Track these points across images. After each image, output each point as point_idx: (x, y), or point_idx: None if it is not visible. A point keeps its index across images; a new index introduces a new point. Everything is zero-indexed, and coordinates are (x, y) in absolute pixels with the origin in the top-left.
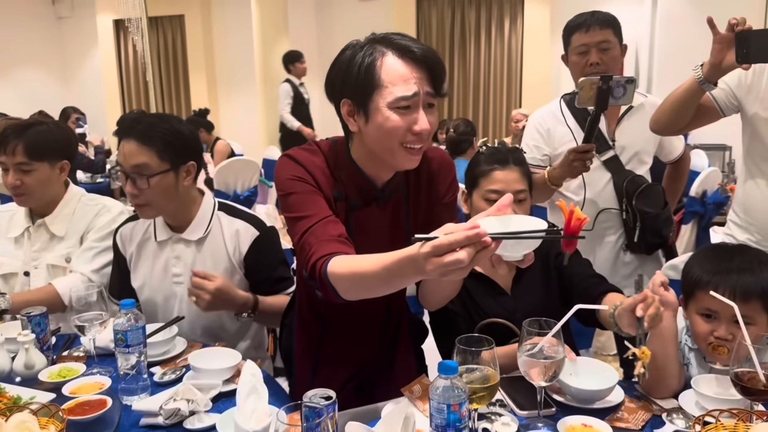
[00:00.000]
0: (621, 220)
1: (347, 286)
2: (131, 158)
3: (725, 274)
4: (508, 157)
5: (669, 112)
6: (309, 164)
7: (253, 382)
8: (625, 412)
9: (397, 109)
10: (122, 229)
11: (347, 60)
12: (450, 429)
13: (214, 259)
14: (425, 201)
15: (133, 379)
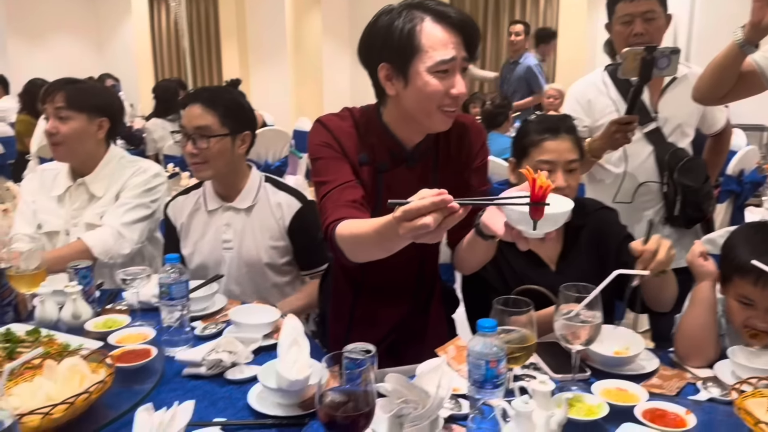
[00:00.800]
0: (661, 193)
1: (350, 248)
2: (195, 120)
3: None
4: (559, 126)
5: (710, 78)
6: (336, 129)
7: (294, 335)
8: (660, 379)
9: (437, 73)
10: (173, 203)
11: (385, 25)
12: (488, 384)
13: (262, 227)
14: (455, 164)
15: (176, 331)
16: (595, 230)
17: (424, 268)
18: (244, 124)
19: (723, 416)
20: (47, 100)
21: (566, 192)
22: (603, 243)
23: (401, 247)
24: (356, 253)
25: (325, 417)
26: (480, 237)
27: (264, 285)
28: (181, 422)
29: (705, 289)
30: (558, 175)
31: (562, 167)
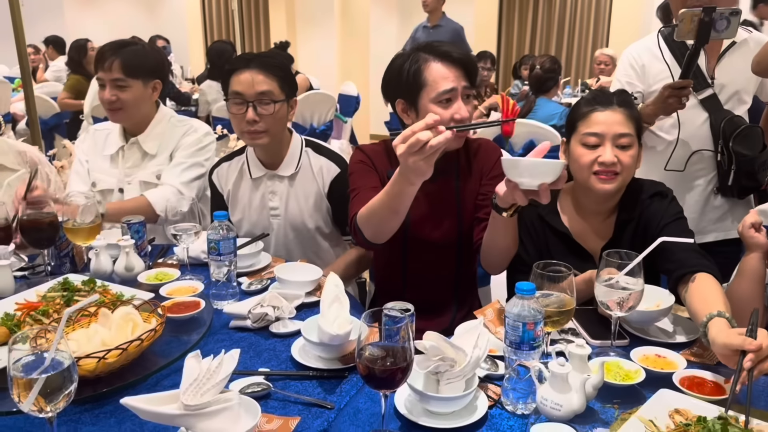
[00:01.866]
0: (715, 162)
1: (367, 222)
2: (256, 86)
3: None
4: (612, 98)
5: None
6: (370, 151)
7: (336, 292)
8: (700, 348)
9: (440, 102)
10: (218, 169)
11: (398, 68)
12: (524, 346)
13: (305, 193)
14: (475, 176)
15: (223, 285)
16: (645, 222)
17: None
18: (295, 90)
19: (764, 387)
20: (103, 68)
21: (616, 168)
22: (650, 230)
23: (408, 197)
24: (373, 226)
25: (364, 370)
26: (496, 212)
27: (312, 249)
28: (227, 369)
29: (754, 260)
30: (606, 149)
31: (610, 141)
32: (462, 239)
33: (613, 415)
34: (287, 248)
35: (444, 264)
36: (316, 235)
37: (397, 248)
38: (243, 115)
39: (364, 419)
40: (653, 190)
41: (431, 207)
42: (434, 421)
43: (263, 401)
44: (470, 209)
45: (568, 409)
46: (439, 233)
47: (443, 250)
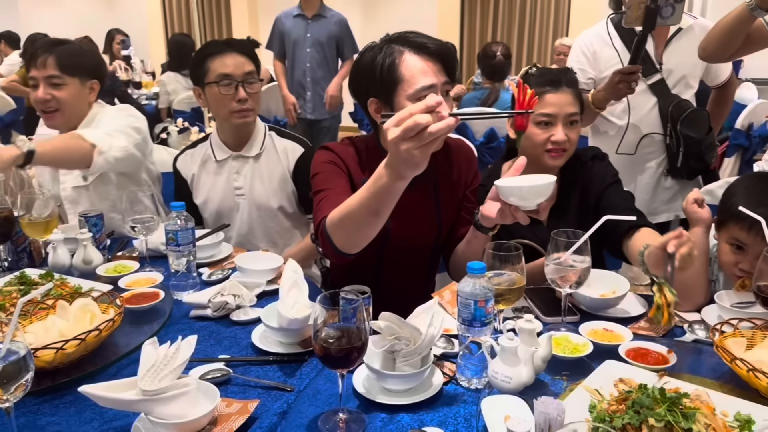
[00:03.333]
0: (664, 145)
1: (338, 228)
2: (244, 67)
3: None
4: (561, 78)
5: (718, 39)
6: (341, 152)
7: (295, 278)
8: (648, 321)
9: (417, 100)
10: (182, 156)
11: (369, 62)
12: (476, 323)
13: (270, 173)
14: (453, 184)
15: (183, 276)
16: (588, 182)
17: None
18: (260, 71)
19: (706, 356)
20: (36, 65)
21: (566, 146)
22: (592, 193)
23: (395, 195)
24: (346, 232)
25: (321, 350)
26: (479, 231)
27: (275, 229)
28: (185, 354)
29: (698, 235)
30: (558, 129)
31: (562, 120)
32: (437, 246)
33: (562, 386)
34: (251, 227)
35: (418, 270)
36: (279, 214)
37: (371, 257)
38: (232, 96)
39: (323, 400)
40: (591, 153)
41: (412, 214)
42: (391, 399)
43: (223, 387)
44: (449, 216)
45: (518, 382)
46: (418, 241)
47: (419, 257)
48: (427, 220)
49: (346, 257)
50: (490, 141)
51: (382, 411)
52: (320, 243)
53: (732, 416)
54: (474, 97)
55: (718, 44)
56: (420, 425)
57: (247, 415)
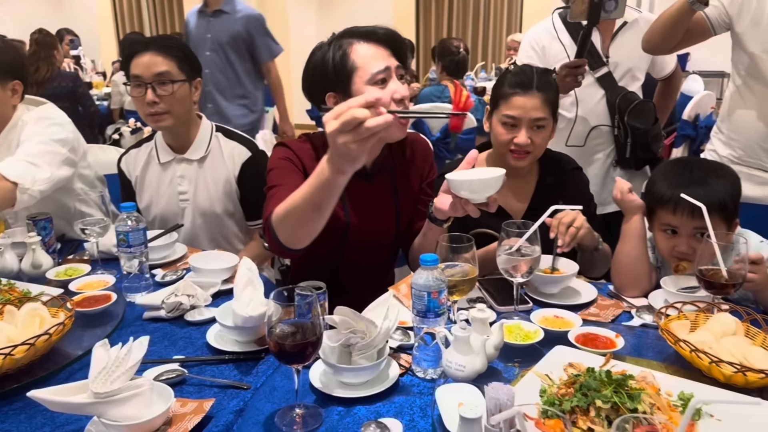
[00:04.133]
0: (612, 136)
1: (282, 222)
2: (154, 67)
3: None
4: (533, 81)
5: (660, 32)
6: (298, 150)
7: (249, 276)
8: (598, 308)
9: (375, 84)
10: (126, 156)
11: (320, 60)
12: (430, 314)
13: (215, 178)
14: (411, 177)
15: (135, 278)
16: (566, 190)
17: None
18: (196, 70)
19: (653, 339)
20: None
21: (529, 149)
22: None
23: (335, 190)
24: (290, 227)
25: (275, 347)
26: (434, 224)
27: (221, 234)
28: (137, 356)
29: (634, 222)
30: (521, 132)
31: (526, 124)
32: (398, 240)
33: (515, 372)
34: (196, 233)
35: (377, 264)
36: (225, 220)
37: (331, 250)
38: (143, 98)
39: (279, 396)
40: (573, 164)
41: (371, 208)
42: (348, 392)
43: (178, 387)
44: (408, 210)
45: (471, 370)
46: (378, 235)
47: (379, 251)
48: (387, 214)
49: (291, 253)
50: (446, 137)
51: (339, 405)
52: (266, 239)
53: (676, 396)
54: (431, 93)
55: (660, 37)
56: (376, 417)
57: (202, 414)
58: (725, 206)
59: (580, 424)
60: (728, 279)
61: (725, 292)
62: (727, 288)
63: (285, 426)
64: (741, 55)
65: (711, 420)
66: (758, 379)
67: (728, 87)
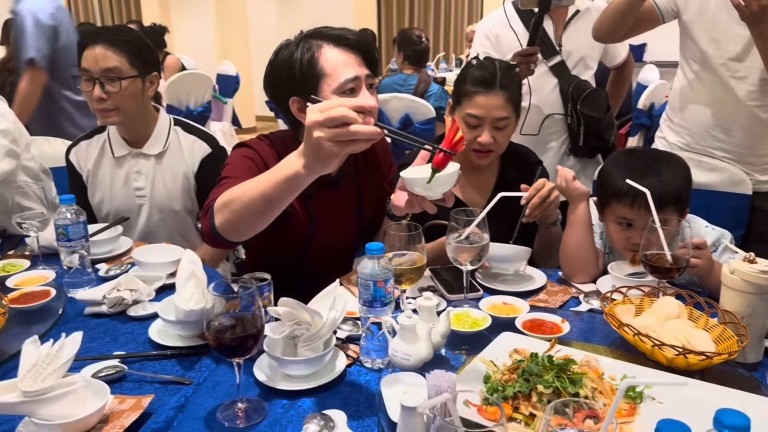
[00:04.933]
0: (566, 125)
1: (225, 207)
2: (102, 62)
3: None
4: (495, 80)
5: (611, 20)
6: (263, 151)
7: (192, 268)
8: (547, 294)
9: (344, 93)
10: (76, 148)
11: (286, 60)
12: (376, 303)
13: (173, 174)
14: (374, 179)
15: (77, 272)
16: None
17: None
18: (152, 64)
19: (599, 324)
20: None
21: (492, 147)
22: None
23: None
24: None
25: (214, 340)
26: (392, 220)
27: (180, 232)
28: (69, 352)
29: (581, 209)
30: (484, 132)
31: (489, 124)
32: (361, 242)
33: (462, 360)
34: (152, 231)
35: (338, 265)
36: (184, 217)
37: (293, 257)
38: (91, 93)
39: (222, 391)
40: (534, 158)
41: (335, 215)
42: (293, 384)
43: (117, 384)
44: (369, 210)
45: (417, 358)
46: (341, 239)
47: (341, 254)
48: (350, 219)
49: (220, 242)
50: (405, 127)
51: (284, 398)
52: (201, 220)
53: (619, 379)
54: (393, 82)
55: (610, 25)
56: (321, 409)
57: (140, 410)
58: (680, 197)
59: (522, 409)
60: (673, 263)
61: (670, 276)
62: (671, 272)
63: (227, 421)
64: (689, 44)
65: (653, 402)
66: (699, 361)
67: (677, 75)
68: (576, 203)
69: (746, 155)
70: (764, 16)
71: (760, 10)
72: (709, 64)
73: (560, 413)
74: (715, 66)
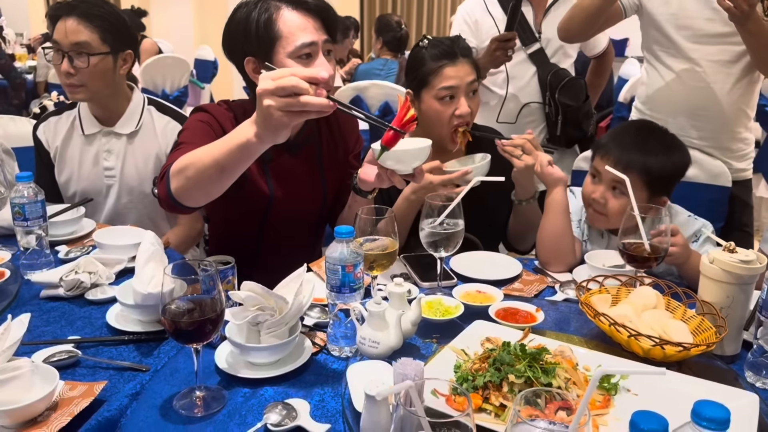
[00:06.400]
0: (543, 113)
1: (180, 172)
2: (72, 36)
3: (619, 146)
4: (455, 50)
5: (581, 18)
6: (219, 115)
7: (152, 250)
8: (522, 283)
9: (299, 58)
10: (44, 124)
11: (243, 19)
12: (345, 289)
13: (145, 154)
14: (339, 149)
15: (34, 254)
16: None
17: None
18: (126, 42)
19: (574, 314)
20: None
21: (469, 119)
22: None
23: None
24: (186, 179)
25: (170, 325)
26: (359, 195)
27: (148, 216)
28: (15, 335)
29: (557, 194)
30: (461, 101)
31: (464, 91)
32: (323, 213)
33: (432, 348)
34: (120, 213)
35: (301, 240)
36: (154, 199)
37: (252, 224)
38: (59, 66)
39: (180, 378)
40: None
41: (296, 181)
42: (256, 372)
43: (70, 369)
44: (334, 182)
45: (386, 346)
46: (303, 209)
47: (303, 226)
48: (312, 188)
49: (176, 207)
50: (386, 114)
51: (246, 386)
52: (158, 185)
53: (594, 370)
54: (372, 67)
55: (581, 24)
56: (284, 398)
57: (91, 397)
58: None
59: (493, 399)
60: (650, 252)
61: (647, 265)
62: (649, 261)
63: (183, 409)
64: (655, 35)
65: (627, 394)
66: (676, 353)
67: (643, 69)
68: (552, 188)
69: (724, 139)
70: (752, 14)
71: (750, 9)
72: (680, 52)
73: (531, 403)
74: (687, 53)
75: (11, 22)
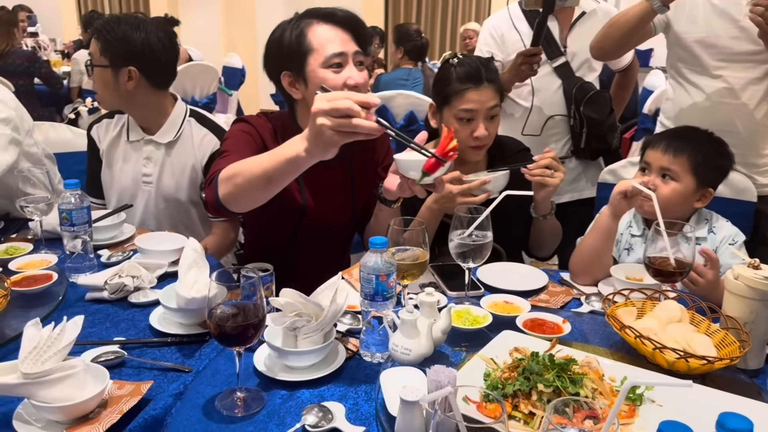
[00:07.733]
0: (568, 126)
1: (229, 179)
2: (90, 47)
3: (669, 136)
4: (482, 74)
5: (617, 37)
6: (260, 126)
7: (195, 257)
8: (548, 294)
9: (330, 67)
10: (98, 125)
11: (278, 38)
12: (378, 297)
13: (182, 164)
14: (369, 161)
15: (79, 257)
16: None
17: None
18: (128, 59)
19: (600, 326)
20: None
21: (487, 141)
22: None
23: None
24: (235, 186)
25: (216, 329)
26: (384, 204)
27: (183, 223)
28: (70, 336)
29: (607, 218)
30: (479, 125)
31: (483, 116)
32: (353, 223)
33: (461, 357)
34: (157, 219)
35: (332, 248)
36: (189, 208)
37: (286, 232)
38: None
39: (221, 379)
40: (520, 146)
41: (328, 192)
42: (292, 375)
43: (117, 369)
44: (363, 194)
45: (417, 353)
46: (334, 217)
47: (333, 235)
48: (343, 198)
49: (226, 212)
50: (410, 124)
51: (283, 388)
52: (206, 189)
53: (619, 381)
54: (397, 77)
55: (616, 43)
56: (320, 400)
57: (139, 396)
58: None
59: (522, 407)
60: (676, 267)
61: (673, 280)
62: (674, 276)
63: (225, 409)
64: (681, 53)
65: (652, 405)
66: (700, 366)
67: (669, 84)
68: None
69: (749, 156)
70: None
71: None
72: (706, 70)
73: (560, 413)
74: (713, 71)
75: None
